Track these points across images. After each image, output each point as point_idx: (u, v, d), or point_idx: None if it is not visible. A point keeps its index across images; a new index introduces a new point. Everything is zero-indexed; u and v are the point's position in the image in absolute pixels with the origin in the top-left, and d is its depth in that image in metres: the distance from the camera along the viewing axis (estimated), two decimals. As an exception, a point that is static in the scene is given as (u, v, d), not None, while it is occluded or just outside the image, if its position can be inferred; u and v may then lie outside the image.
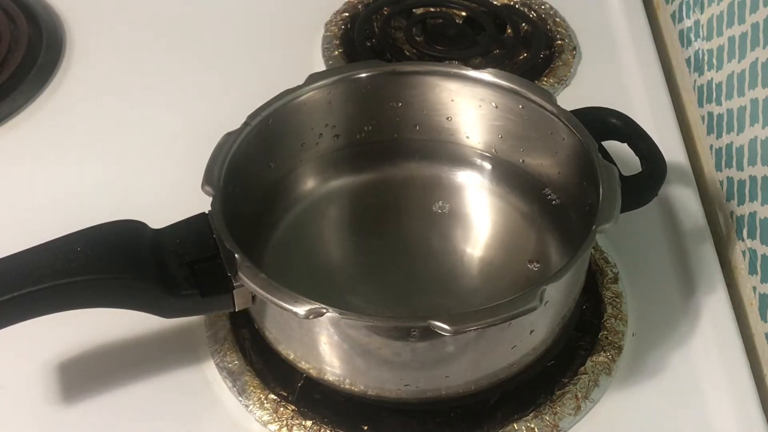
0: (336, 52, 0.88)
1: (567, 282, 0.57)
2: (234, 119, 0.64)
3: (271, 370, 0.63)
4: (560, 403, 0.61)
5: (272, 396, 0.62)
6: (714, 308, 0.68)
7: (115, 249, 0.56)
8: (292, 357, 0.61)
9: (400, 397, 0.59)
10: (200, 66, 0.88)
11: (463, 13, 0.93)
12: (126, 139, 0.81)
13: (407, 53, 0.88)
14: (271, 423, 0.60)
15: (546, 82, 0.85)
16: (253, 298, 0.57)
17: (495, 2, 0.94)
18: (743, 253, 0.71)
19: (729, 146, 0.75)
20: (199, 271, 0.57)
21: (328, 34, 0.91)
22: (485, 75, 0.68)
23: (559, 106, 0.65)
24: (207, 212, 0.59)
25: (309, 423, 0.60)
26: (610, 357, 0.64)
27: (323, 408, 0.61)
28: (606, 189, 0.59)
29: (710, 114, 0.80)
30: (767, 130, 0.67)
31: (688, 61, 0.87)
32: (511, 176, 0.71)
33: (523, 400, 0.62)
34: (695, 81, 0.84)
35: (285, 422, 0.60)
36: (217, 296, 0.57)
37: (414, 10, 0.93)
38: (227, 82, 0.87)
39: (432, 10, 0.93)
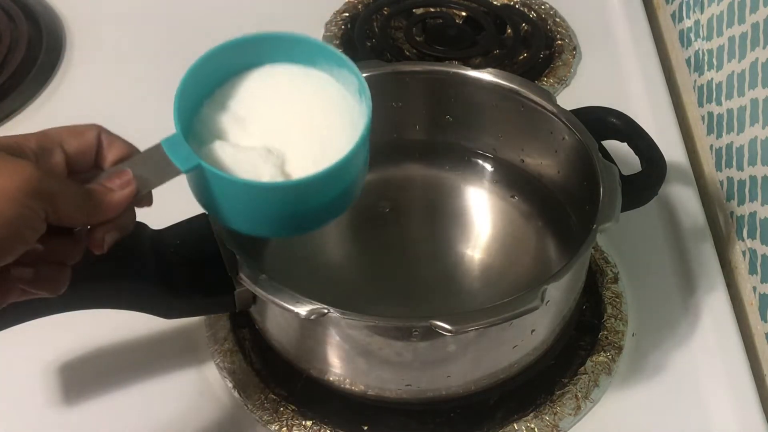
0: (336, 52, 0.88)
1: (568, 281, 0.57)
2: (234, 119, 0.64)
3: (271, 370, 0.63)
4: (560, 403, 0.61)
5: (272, 396, 0.62)
6: (714, 308, 0.68)
7: (115, 249, 0.56)
8: (292, 357, 0.61)
9: (401, 397, 0.59)
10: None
11: (463, 13, 0.93)
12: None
13: (407, 53, 0.88)
14: (271, 423, 0.60)
15: (546, 82, 0.85)
16: (254, 298, 0.57)
17: (495, 2, 0.94)
18: (743, 253, 0.71)
19: (729, 146, 0.75)
20: (200, 272, 0.57)
21: (328, 34, 0.91)
22: (485, 75, 0.68)
23: (559, 106, 0.65)
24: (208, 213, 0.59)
25: (309, 423, 0.60)
26: (610, 357, 0.64)
27: (323, 408, 0.61)
28: (606, 188, 0.59)
29: (710, 114, 0.80)
30: (767, 130, 0.67)
31: (688, 61, 0.87)
32: (511, 176, 0.71)
33: (523, 400, 0.62)
34: (695, 81, 0.84)
35: (285, 422, 0.60)
36: (218, 297, 0.57)
37: (414, 10, 0.93)
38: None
39: (432, 10, 0.93)
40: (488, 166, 0.72)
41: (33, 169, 0.42)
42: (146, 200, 0.49)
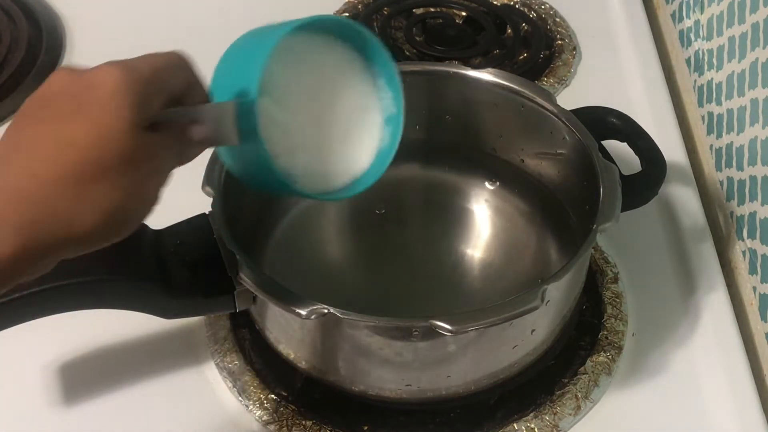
0: (336, 52, 0.88)
1: (568, 281, 0.57)
2: (234, 119, 0.63)
3: (271, 370, 0.63)
4: (560, 403, 0.61)
5: (272, 396, 0.62)
6: (714, 308, 0.68)
7: (115, 250, 0.56)
8: (292, 357, 0.61)
9: (401, 397, 0.59)
10: (200, 67, 0.88)
11: (463, 13, 0.93)
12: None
13: (407, 53, 0.88)
14: (271, 423, 0.60)
15: (546, 82, 0.85)
16: (254, 298, 0.57)
17: (495, 2, 0.94)
18: (743, 253, 0.71)
19: (729, 146, 0.75)
20: (200, 272, 0.57)
21: (328, 34, 0.90)
22: (485, 75, 0.68)
23: (559, 106, 0.65)
24: (208, 213, 0.59)
25: (309, 423, 0.60)
26: (610, 357, 0.64)
27: (323, 408, 0.61)
28: (606, 188, 0.59)
29: (710, 114, 0.80)
30: (767, 130, 0.67)
31: (688, 61, 0.87)
32: (511, 176, 0.71)
33: (523, 400, 0.62)
34: (695, 81, 0.84)
35: (285, 422, 0.60)
36: (219, 297, 0.57)
37: (414, 10, 0.93)
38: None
39: (432, 10, 0.93)
40: (488, 166, 0.72)
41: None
42: None
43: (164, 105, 0.44)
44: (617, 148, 0.66)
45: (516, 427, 0.60)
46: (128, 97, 0.41)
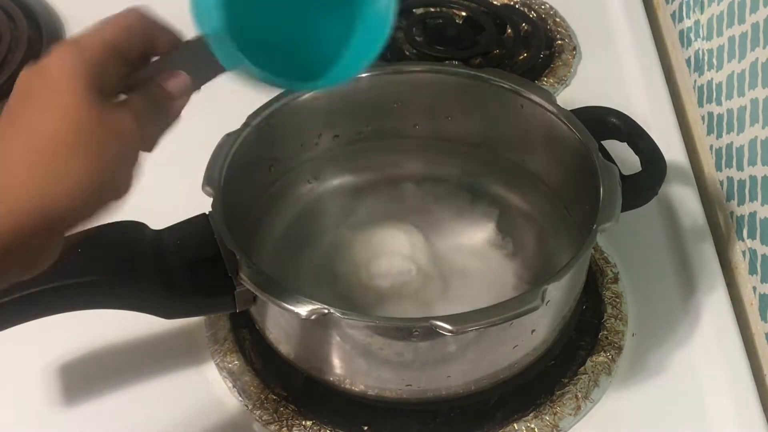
0: (336, 52, 0.88)
1: (568, 281, 0.57)
2: (234, 120, 0.64)
3: (271, 370, 0.63)
4: (560, 403, 0.61)
5: (272, 396, 0.62)
6: (714, 308, 0.68)
7: (115, 250, 0.56)
8: (292, 357, 0.61)
9: (401, 397, 0.59)
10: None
11: (463, 13, 0.93)
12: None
13: (407, 53, 0.88)
14: (271, 423, 0.60)
15: (546, 82, 0.85)
16: (254, 298, 0.57)
17: (495, 2, 0.94)
18: (743, 253, 0.71)
19: (729, 146, 0.75)
20: (200, 272, 0.57)
21: (328, 34, 0.90)
22: (485, 75, 0.68)
23: (559, 106, 0.65)
24: (208, 213, 0.59)
25: (309, 423, 0.60)
26: (610, 357, 0.64)
27: (323, 408, 0.61)
28: (606, 188, 0.59)
29: (710, 114, 0.80)
30: (767, 130, 0.67)
31: (688, 61, 0.87)
32: (511, 176, 0.71)
33: (523, 400, 0.62)
34: (695, 81, 0.84)
35: (285, 422, 0.60)
36: (219, 297, 0.57)
37: (414, 10, 0.93)
38: (227, 82, 0.86)
39: (432, 10, 0.93)
40: (488, 166, 0.72)
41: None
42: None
43: (127, 69, 0.44)
44: (617, 148, 0.66)
45: (516, 427, 0.60)
46: (80, 76, 0.41)
